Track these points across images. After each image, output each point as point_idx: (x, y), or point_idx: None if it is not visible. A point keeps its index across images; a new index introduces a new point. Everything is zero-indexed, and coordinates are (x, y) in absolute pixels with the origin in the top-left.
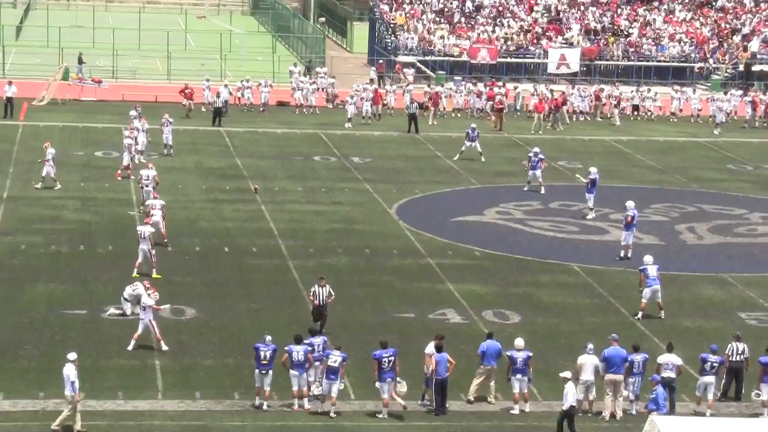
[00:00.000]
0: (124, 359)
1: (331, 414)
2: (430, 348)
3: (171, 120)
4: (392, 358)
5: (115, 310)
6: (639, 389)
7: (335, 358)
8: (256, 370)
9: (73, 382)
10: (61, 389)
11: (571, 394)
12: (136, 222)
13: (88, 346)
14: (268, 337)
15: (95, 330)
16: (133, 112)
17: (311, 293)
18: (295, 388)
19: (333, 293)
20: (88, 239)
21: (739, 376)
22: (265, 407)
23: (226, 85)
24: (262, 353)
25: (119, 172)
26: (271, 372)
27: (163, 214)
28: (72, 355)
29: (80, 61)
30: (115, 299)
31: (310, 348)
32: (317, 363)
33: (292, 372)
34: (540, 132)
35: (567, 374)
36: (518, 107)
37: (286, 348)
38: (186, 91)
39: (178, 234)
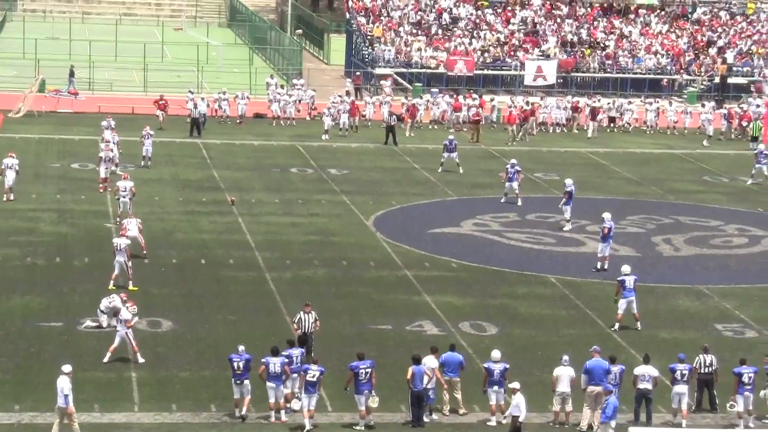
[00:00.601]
0: (100, 372)
1: (307, 427)
2: (431, 361)
3: (152, 132)
4: (369, 369)
5: (91, 323)
6: (617, 400)
7: (314, 372)
8: (232, 380)
9: (66, 395)
10: (37, 401)
11: (523, 405)
12: (113, 234)
13: (64, 358)
14: (241, 347)
15: (71, 342)
16: (104, 123)
17: (296, 320)
18: (271, 400)
19: (319, 320)
20: (65, 251)
21: (710, 388)
22: (244, 412)
23: (203, 98)
24: (235, 364)
25: (101, 185)
26: (247, 381)
27: (140, 230)
28: (67, 368)
29: (72, 74)
30: (91, 311)
31: (287, 360)
32: (294, 375)
33: (269, 384)
34: (514, 143)
35: (516, 385)
36: (494, 119)
37: (262, 360)
38: (160, 102)
39: (155, 246)
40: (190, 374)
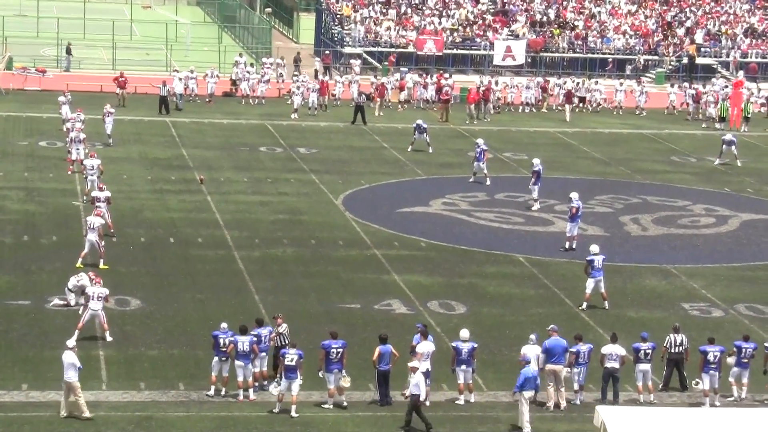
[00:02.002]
0: None
1: (292, 414)
2: (429, 346)
3: (112, 110)
4: (341, 349)
5: (59, 301)
6: (584, 379)
7: (291, 356)
8: (215, 358)
9: (79, 368)
10: (4, 380)
11: (421, 384)
12: (81, 212)
13: (32, 336)
14: (224, 324)
15: (39, 320)
16: (62, 98)
17: (272, 333)
18: (240, 379)
19: (284, 334)
20: (32, 229)
21: (680, 367)
22: (223, 392)
23: (180, 79)
24: (221, 341)
25: (71, 167)
26: (229, 359)
27: (108, 206)
28: (71, 342)
29: (68, 52)
30: (59, 290)
31: (255, 338)
32: (263, 354)
33: (237, 362)
34: (475, 122)
35: (415, 364)
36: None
37: (231, 338)
38: (120, 80)
39: (123, 224)
40: (159, 353)
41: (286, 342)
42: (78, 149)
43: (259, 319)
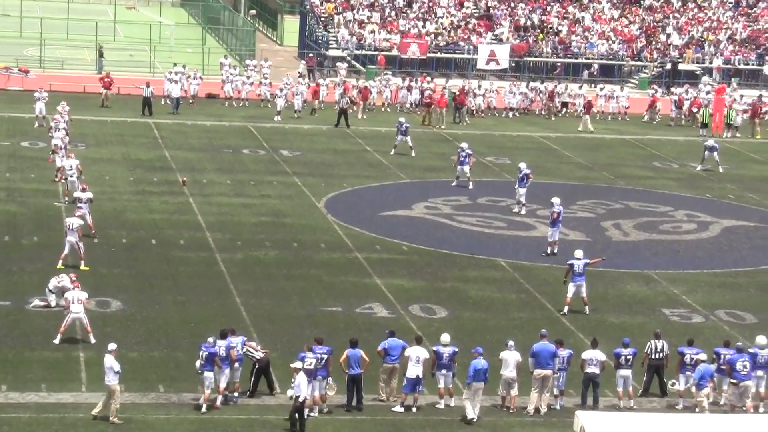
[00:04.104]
0: (48, 351)
1: (324, 410)
2: (422, 352)
3: (67, 108)
4: (326, 356)
5: (39, 302)
6: (564, 384)
7: (310, 360)
8: (209, 373)
9: (117, 372)
10: None
11: (304, 385)
12: (63, 213)
13: (12, 337)
14: (210, 339)
15: (19, 321)
16: (36, 95)
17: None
18: (221, 385)
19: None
20: (14, 230)
21: (660, 373)
22: (236, 395)
23: (176, 81)
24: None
25: (57, 173)
26: (209, 374)
27: (89, 207)
28: (112, 346)
29: (101, 55)
30: (39, 291)
31: (232, 345)
32: (236, 365)
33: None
34: (443, 126)
35: (297, 365)
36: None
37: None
38: (105, 80)
39: (105, 226)
40: (139, 355)
41: (257, 358)
42: (62, 156)
43: (230, 329)
